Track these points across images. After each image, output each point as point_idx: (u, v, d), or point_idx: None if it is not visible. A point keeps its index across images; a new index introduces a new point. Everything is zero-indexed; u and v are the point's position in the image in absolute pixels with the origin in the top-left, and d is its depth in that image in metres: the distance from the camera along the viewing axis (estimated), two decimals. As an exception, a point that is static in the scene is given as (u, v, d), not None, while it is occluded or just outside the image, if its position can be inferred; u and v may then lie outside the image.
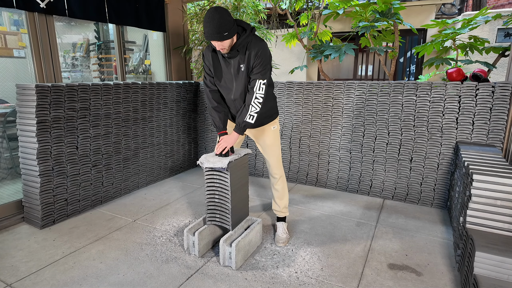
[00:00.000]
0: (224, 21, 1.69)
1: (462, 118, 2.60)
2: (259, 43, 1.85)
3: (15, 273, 1.88)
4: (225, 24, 1.70)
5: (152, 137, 3.29)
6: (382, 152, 2.93)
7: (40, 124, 2.31)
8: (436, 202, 2.79)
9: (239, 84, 1.95)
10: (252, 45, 1.84)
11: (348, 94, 3.00)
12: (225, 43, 1.76)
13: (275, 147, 2.19)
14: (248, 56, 1.85)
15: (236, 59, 1.89)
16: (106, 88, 2.74)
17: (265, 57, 1.86)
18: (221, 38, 1.73)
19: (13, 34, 4.92)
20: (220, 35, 1.71)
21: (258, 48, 1.83)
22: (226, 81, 1.99)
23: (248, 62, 1.87)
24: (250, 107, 1.89)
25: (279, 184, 2.25)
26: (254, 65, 1.86)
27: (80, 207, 2.65)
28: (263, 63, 1.85)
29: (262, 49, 1.84)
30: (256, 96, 1.88)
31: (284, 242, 2.19)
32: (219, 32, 1.70)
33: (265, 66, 1.87)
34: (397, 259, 2.02)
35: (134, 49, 4.41)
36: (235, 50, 1.84)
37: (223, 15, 1.70)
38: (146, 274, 1.86)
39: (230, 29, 1.72)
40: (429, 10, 5.45)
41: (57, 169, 2.45)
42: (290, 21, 3.80)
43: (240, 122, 1.93)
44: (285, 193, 2.30)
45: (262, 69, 1.87)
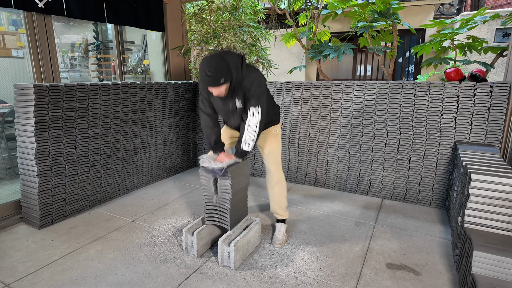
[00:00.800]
0: (220, 68, 1.73)
1: (460, 118, 2.60)
2: (251, 76, 1.87)
3: (13, 274, 1.87)
4: (221, 71, 1.73)
5: (150, 137, 3.29)
6: (380, 152, 2.93)
7: (38, 124, 2.30)
8: (435, 202, 2.79)
9: (238, 117, 2.04)
10: (245, 81, 1.87)
11: (346, 94, 3.01)
12: (221, 88, 1.80)
13: (275, 150, 2.19)
14: (242, 90, 1.89)
15: (232, 97, 1.93)
16: (104, 88, 2.74)
17: (258, 88, 1.88)
18: (218, 84, 1.76)
19: (12, 34, 4.92)
20: (216, 81, 1.75)
21: (250, 84, 1.87)
22: (224, 114, 2.08)
23: (243, 95, 1.91)
24: (245, 136, 1.91)
25: (277, 186, 2.23)
26: (247, 97, 1.90)
27: (79, 207, 2.65)
28: (255, 95, 1.88)
29: (253, 83, 1.87)
30: (250, 126, 1.90)
31: (281, 243, 2.17)
32: (215, 78, 1.74)
33: (259, 96, 1.89)
34: (395, 259, 2.03)
35: (132, 49, 4.41)
36: (231, 91, 1.88)
37: (219, 63, 1.74)
38: (145, 274, 1.86)
39: (226, 75, 1.75)
40: (428, 10, 5.46)
41: (56, 169, 2.45)
42: (288, 21, 3.81)
43: (240, 151, 1.96)
44: (282, 197, 2.27)
45: (256, 99, 1.89)
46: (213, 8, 3.81)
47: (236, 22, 3.75)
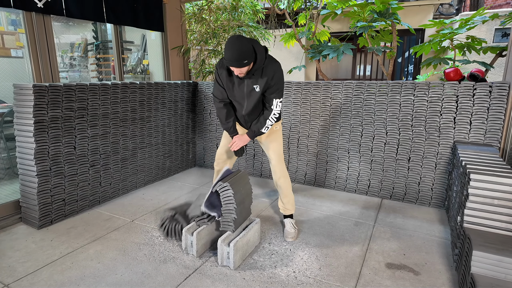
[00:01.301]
0: (245, 49, 1.82)
1: (459, 118, 2.61)
2: (273, 66, 1.99)
3: (12, 274, 1.87)
4: (246, 53, 1.82)
5: (150, 137, 3.29)
6: (380, 152, 2.93)
7: (37, 124, 2.30)
8: (434, 202, 2.79)
9: (251, 102, 2.09)
10: (268, 69, 1.98)
11: (346, 94, 3.01)
12: (243, 69, 1.89)
13: (277, 146, 2.28)
14: (263, 78, 1.99)
15: (251, 80, 2.02)
16: (104, 88, 2.73)
17: (280, 79, 2.03)
18: (241, 65, 1.85)
19: (11, 34, 4.91)
20: (239, 63, 1.84)
21: (273, 72, 1.98)
22: (237, 98, 2.13)
23: (264, 83, 2.00)
24: (267, 121, 2.10)
25: (282, 182, 2.30)
26: (270, 86, 2.02)
27: (78, 207, 2.64)
28: (278, 85, 2.03)
29: (276, 73, 2.00)
30: (274, 113, 2.08)
31: (293, 237, 2.24)
32: (239, 59, 1.82)
33: (280, 87, 2.05)
34: (395, 259, 2.03)
35: (132, 49, 4.41)
36: (251, 74, 1.97)
37: (244, 44, 1.82)
38: (144, 274, 1.86)
39: (249, 57, 1.84)
40: (427, 10, 5.47)
41: (55, 169, 2.44)
42: (288, 21, 3.81)
43: (255, 130, 2.14)
44: (289, 191, 2.34)
45: (278, 90, 2.04)
46: (212, 8, 3.81)
47: (236, 22, 3.75)
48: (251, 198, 2.19)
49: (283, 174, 2.30)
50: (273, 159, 2.28)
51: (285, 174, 2.31)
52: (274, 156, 2.28)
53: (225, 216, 1.99)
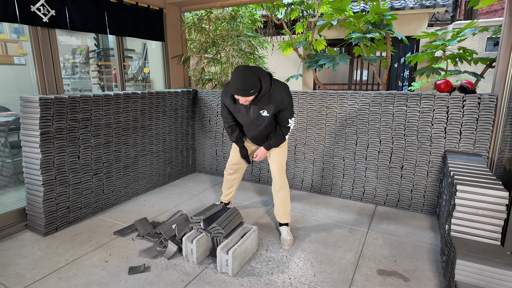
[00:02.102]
0: (251, 81, 1.93)
1: (450, 128, 2.70)
2: (281, 93, 2.10)
3: (20, 281, 1.96)
4: (251, 83, 1.93)
5: (151, 145, 3.38)
6: (374, 160, 3.03)
7: (43, 136, 2.39)
8: (426, 209, 2.89)
9: (259, 125, 2.24)
10: (276, 95, 2.09)
11: (341, 103, 3.11)
12: (249, 98, 2.02)
13: (281, 156, 2.42)
14: (271, 103, 2.12)
15: (256, 107, 2.14)
16: (106, 99, 2.83)
17: (290, 103, 2.16)
18: (247, 95, 1.98)
19: (14, 41, 5.00)
20: (246, 92, 1.96)
21: (282, 99, 2.11)
22: (244, 122, 2.30)
23: (273, 109, 2.13)
24: (282, 137, 2.28)
25: (281, 191, 2.43)
26: (282, 110, 2.16)
27: (82, 214, 2.73)
28: (289, 107, 2.17)
29: (285, 99, 2.12)
30: (288, 130, 2.28)
31: (290, 244, 2.34)
32: (245, 89, 1.94)
33: (291, 108, 2.20)
34: (386, 265, 2.12)
35: (133, 57, 4.50)
36: (256, 101, 2.09)
37: (249, 75, 1.93)
38: (147, 281, 1.95)
39: (255, 87, 1.96)
40: (422, 18, 5.57)
41: (60, 178, 2.53)
42: (285, 31, 3.90)
43: (271, 143, 2.33)
44: (287, 201, 2.46)
45: (290, 111, 2.20)
46: (211, 18, 3.91)
47: (234, 32, 3.84)
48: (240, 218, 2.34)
49: (283, 186, 2.42)
50: (275, 170, 2.41)
51: (285, 186, 2.43)
52: (277, 168, 2.41)
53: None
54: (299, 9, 3.89)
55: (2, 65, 4.53)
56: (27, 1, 2.49)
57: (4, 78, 4.53)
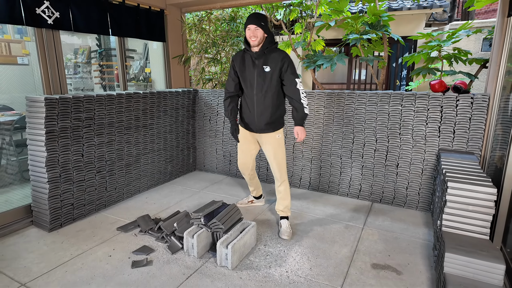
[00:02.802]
0: (262, 17, 2.31)
1: (444, 127, 2.78)
2: (282, 52, 2.38)
3: (28, 274, 2.04)
4: (263, 19, 2.30)
5: (152, 144, 3.46)
6: (370, 158, 3.10)
7: (48, 134, 2.47)
8: (421, 205, 2.96)
9: (261, 83, 2.40)
10: (277, 53, 2.36)
11: (338, 103, 3.18)
12: (258, 32, 2.28)
13: (279, 154, 2.53)
14: (273, 60, 2.34)
15: (261, 61, 2.36)
16: (109, 98, 2.90)
17: (291, 62, 2.37)
18: (257, 24, 2.27)
19: (17, 42, 5.08)
20: (257, 21, 2.27)
21: (283, 55, 2.35)
22: (249, 78, 2.44)
23: (275, 64, 2.34)
24: (303, 102, 2.37)
25: (282, 186, 2.57)
26: (284, 68, 2.34)
27: (86, 211, 2.81)
28: (291, 65, 2.35)
29: (286, 55, 2.36)
30: (301, 92, 2.36)
31: (289, 235, 2.47)
32: (258, 19, 2.28)
33: (293, 68, 2.37)
34: (380, 259, 2.20)
35: (134, 57, 4.57)
36: (262, 52, 2.33)
37: (262, 15, 2.32)
38: (149, 274, 2.03)
39: (265, 24, 2.30)
40: (419, 19, 5.63)
41: (64, 176, 2.61)
42: (284, 32, 3.97)
43: (303, 115, 2.40)
44: (287, 195, 2.60)
45: (293, 70, 2.36)
46: (212, 18, 3.98)
47: (234, 32, 3.91)
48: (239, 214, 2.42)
49: (283, 182, 2.56)
50: (274, 168, 2.54)
51: (285, 181, 2.57)
52: (276, 166, 2.53)
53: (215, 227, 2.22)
54: (297, 10, 3.96)
55: (6, 65, 4.61)
56: (32, 4, 2.56)
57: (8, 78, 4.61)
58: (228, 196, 3.31)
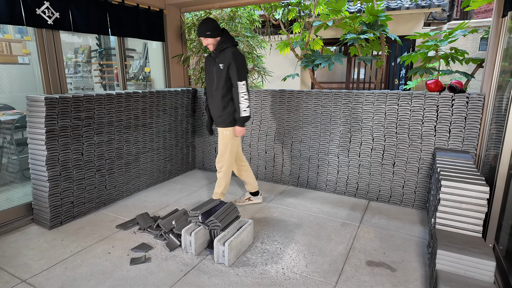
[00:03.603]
0: (209, 25, 2.56)
1: (439, 126, 2.80)
2: (235, 51, 2.59)
3: (28, 270, 2.08)
4: (209, 27, 2.55)
5: (152, 142, 3.49)
6: (367, 157, 3.13)
7: (48, 133, 2.50)
8: (417, 204, 2.99)
9: (217, 79, 2.64)
10: (228, 51, 2.58)
11: (335, 102, 3.21)
12: (208, 40, 2.58)
13: (224, 147, 2.79)
14: (226, 57, 2.57)
15: (218, 59, 2.62)
16: (109, 98, 2.93)
17: (239, 62, 2.57)
18: (203, 36, 2.57)
19: (18, 41, 5.11)
20: (202, 33, 2.56)
21: (232, 54, 2.56)
22: (209, 76, 2.73)
23: (226, 62, 2.57)
24: (241, 105, 2.62)
25: (218, 175, 2.88)
26: (230, 67, 2.56)
27: (85, 209, 2.85)
28: (237, 66, 2.55)
29: (235, 54, 2.57)
30: (241, 95, 2.60)
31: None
32: (203, 31, 2.56)
33: (241, 70, 2.57)
34: (375, 257, 2.23)
35: (134, 57, 4.60)
36: (217, 52, 2.60)
37: (209, 22, 2.58)
38: (148, 271, 2.06)
39: (212, 31, 2.55)
40: (418, 18, 5.65)
41: (64, 174, 2.65)
42: (282, 31, 3.99)
43: (237, 118, 2.67)
44: (220, 184, 2.88)
45: (238, 73, 2.56)
46: (210, 18, 4.00)
47: (233, 32, 3.93)
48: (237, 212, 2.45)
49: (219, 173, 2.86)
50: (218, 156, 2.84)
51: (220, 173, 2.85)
52: (217, 157, 2.85)
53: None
54: (296, 9, 3.98)
55: (6, 64, 4.64)
56: (32, 4, 2.59)
57: (9, 77, 4.64)
58: (226, 194, 3.34)
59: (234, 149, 2.81)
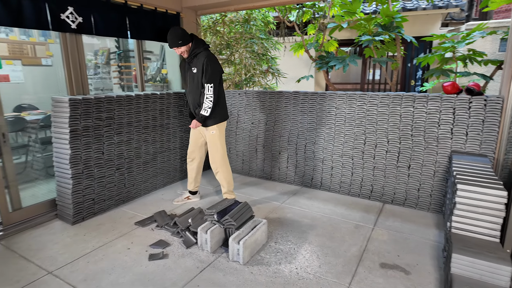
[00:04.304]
0: (178, 34, 2.67)
1: (456, 129, 2.77)
2: (208, 55, 2.70)
3: (53, 263, 2.18)
4: (179, 36, 2.66)
5: (169, 142, 3.58)
6: (382, 159, 3.12)
7: (72, 133, 2.62)
8: (433, 207, 2.97)
9: (191, 83, 2.81)
10: (201, 56, 2.71)
11: (350, 104, 3.21)
12: (181, 48, 2.70)
13: (213, 147, 2.91)
14: (199, 62, 2.70)
15: (192, 64, 2.77)
16: (128, 99, 3.03)
17: (210, 66, 2.68)
18: (176, 46, 2.68)
19: (41, 44, 5.32)
20: (175, 44, 2.68)
21: (205, 58, 2.68)
22: (186, 80, 2.88)
23: (199, 66, 2.71)
24: (204, 104, 2.74)
25: (218, 175, 2.99)
26: (203, 69, 2.68)
27: (106, 206, 2.96)
28: (208, 71, 2.67)
29: (208, 59, 2.68)
30: (206, 96, 2.72)
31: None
32: (174, 42, 2.67)
33: (211, 74, 2.69)
34: (389, 259, 2.23)
35: (151, 59, 4.71)
36: (191, 57, 2.73)
37: (177, 30, 2.69)
38: (165, 267, 2.14)
39: (183, 39, 2.67)
40: (435, 18, 5.55)
41: (86, 172, 2.76)
42: (297, 33, 4.02)
43: (198, 114, 2.79)
44: (226, 181, 3.01)
45: (208, 76, 2.69)
46: (226, 21, 4.07)
47: (248, 34, 3.99)
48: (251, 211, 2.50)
49: (219, 173, 2.98)
50: (211, 159, 2.94)
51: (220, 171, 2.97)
52: (212, 157, 2.93)
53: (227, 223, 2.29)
54: (310, 11, 4.00)
55: (31, 66, 4.85)
56: (57, 10, 2.70)
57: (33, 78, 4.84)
58: (240, 194, 3.40)
59: (223, 145, 2.94)
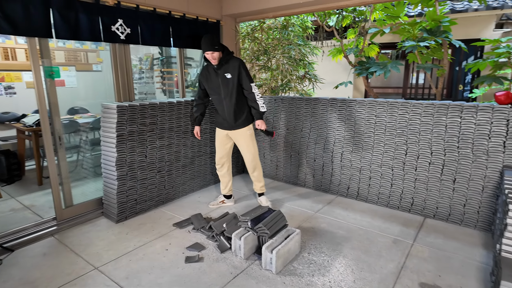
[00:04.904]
0: (215, 40, 2.78)
1: (510, 142, 2.56)
2: (240, 60, 2.88)
3: (99, 259, 2.35)
4: (215, 42, 2.78)
5: (206, 147, 3.70)
6: (424, 171, 2.97)
7: (119, 137, 2.80)
8: (480, 225, 2.77)
9: (226, 88, 2.89)
10: (234, 61, 2.85)
11: (391, 113, 3.09)
12: (215, 54, 2.78)
13: (251, 146, 3.08)
14: (232, 68, 2.83)
15: (222, 70, 2.86)
16: (170, 106, 3.18)
17: (245, 68, 2.86)
18: (212, 49, 2.75)
19: (93, 51, 5.72)
20: (212, 47, 2.75)
21: (239, 62, 2.85)
22: (215, 87, 2.94)
23: (233, 71, 2.83)
24: (258, 102, 2.90)
25: (255, 172, 3.19)
26: (240, 73, 2.84)
27: (146, 206, 3.13)
28: (246, 72, 2.86)
29: (241, 63, 2.86)
30: (256, 94, 2.90)
31: (270, 204, 3.22)
32: (212, 45, 2.75)
33: (248, 74, 2.88)
34: (429, 279, 2.12)
35: (192, 65, 4.88)
36: (221, 63, 2.82)
37: (213, 37, 2.81)
38: (200, 270, 2.21)
39: (219, 45, 2.79)
40: (488, 20, 5.15)
41: (130, 174, 2.94)
42: (336, 38, 3.95)
43: (259, 112, 2.92)
44: (261, 178, 3.23)
45: (248, 76, 2.87)
46: (264, 28, 4.11)
47: (285, 40, 3.99)
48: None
49: (256, 169, 3.17)
50: (248, 158, 3.11)
51: (257, 168, 3.17)
52: (249, 156, 3.09)
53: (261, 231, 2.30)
54: (351, 16, 3.91)
55: (84, 71, 5.25)
56: (109, 22, 2.91)
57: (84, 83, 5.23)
58: (273, 200, 3.41)
59: (256, 145, 3.12)
